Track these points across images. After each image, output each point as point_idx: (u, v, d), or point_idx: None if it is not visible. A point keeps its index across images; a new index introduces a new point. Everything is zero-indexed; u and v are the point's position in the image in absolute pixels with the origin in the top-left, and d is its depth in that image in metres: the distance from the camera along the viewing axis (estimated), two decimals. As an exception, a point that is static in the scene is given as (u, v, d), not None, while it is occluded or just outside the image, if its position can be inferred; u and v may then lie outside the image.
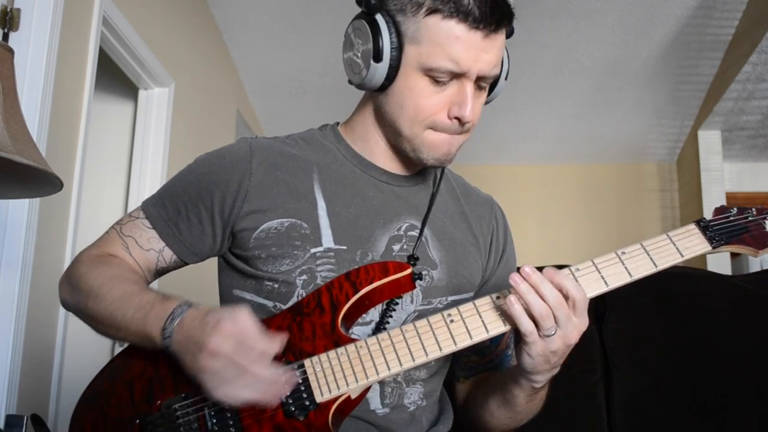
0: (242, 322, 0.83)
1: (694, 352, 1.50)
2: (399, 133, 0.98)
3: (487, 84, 0.97)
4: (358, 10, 0.96)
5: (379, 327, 0.97)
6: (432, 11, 0.89)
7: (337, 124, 1.11)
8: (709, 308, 1.54)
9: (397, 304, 0.98)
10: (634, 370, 1.51)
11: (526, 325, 0.85)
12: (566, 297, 0.85)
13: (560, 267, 0.89)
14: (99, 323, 0.99)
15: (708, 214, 0.94)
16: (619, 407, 1.50)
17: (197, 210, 1.01)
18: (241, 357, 0.81)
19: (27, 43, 1.94)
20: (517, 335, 0.88)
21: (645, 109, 4.69)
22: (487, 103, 1.03)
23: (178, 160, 3.10)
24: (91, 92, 2.31)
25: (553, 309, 0.84)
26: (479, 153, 5.02)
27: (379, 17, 0.93)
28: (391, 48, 0.92)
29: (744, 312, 1.53)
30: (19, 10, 1.93)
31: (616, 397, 1.50)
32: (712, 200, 4.55)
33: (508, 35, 0.97)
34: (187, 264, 1.06)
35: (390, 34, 0.92)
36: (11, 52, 1.34)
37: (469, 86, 0.92)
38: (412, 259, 0.99)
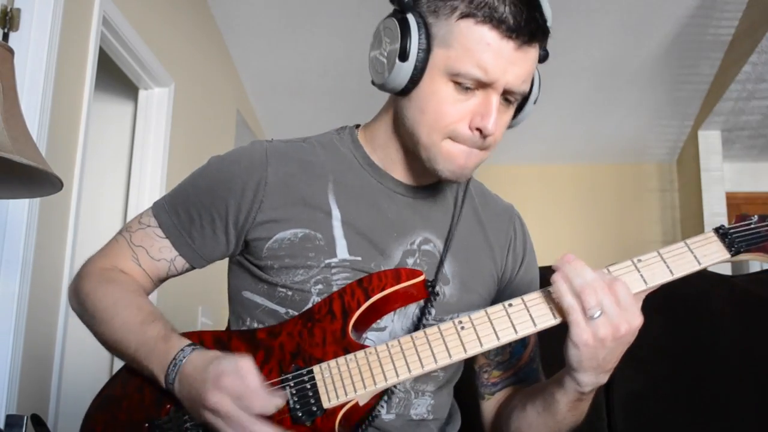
0: (244, 377, 0.82)
1: (694, 352, 1.50)
2: (417, 141, 0.94)
3: (515, 100, 0.93)
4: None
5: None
6: (465, 15, 0.86)
7: (357, 126, 1.08)
8: (709, 308, 1.54)
9: (433, 307, 0.97)
10: (634, 370, 1.51)
11: (568, 300, 0.83)
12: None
13: None
14: (105, 344, 0.99)
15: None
16: (619, 407, 1.49)
17: (211, 218, 0.99)
18: (239, 416, 0.81)
19: (27, 43, 1.94)
20: (564, 328, 0.85)
21: (645, 109, 4.69)
22: (510, 127, 0.99)
23: (178, 160, 3.10)
24: (91, 92, 2.32)
25: (595, 287, 0.82)
26: (479, 153, 5.01)
27: (410, 16, 0.90)
28: (419, 49, 0.89)
29: (744, 312, 1.53)
30: (19, 10, 1.93)
31: (616, 397, 1.50)
32: (712, 200, 4.54)
33: (542, 60, 0.94)
34: (195, 269, 1.06)
35: (419, 34, 0.89)
36: (11, 52, 1.34)
37: (495, 98, 0.89)
38: (431, 286, 0.97)
